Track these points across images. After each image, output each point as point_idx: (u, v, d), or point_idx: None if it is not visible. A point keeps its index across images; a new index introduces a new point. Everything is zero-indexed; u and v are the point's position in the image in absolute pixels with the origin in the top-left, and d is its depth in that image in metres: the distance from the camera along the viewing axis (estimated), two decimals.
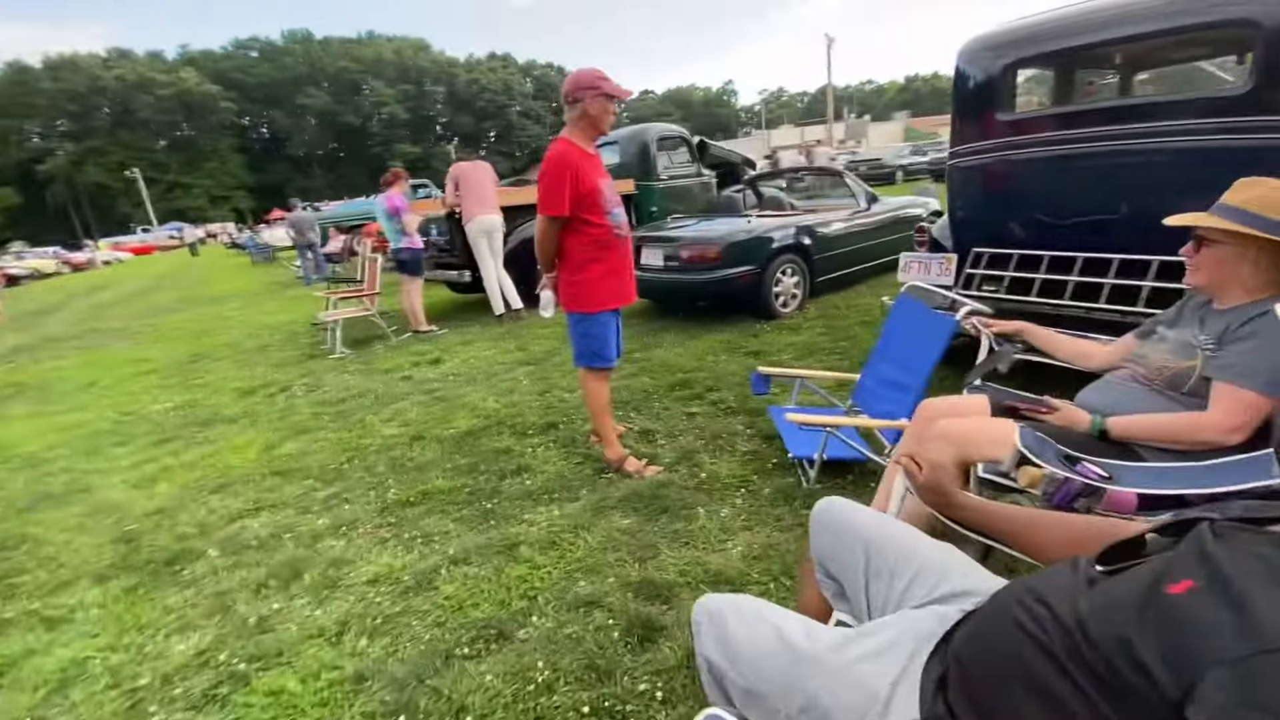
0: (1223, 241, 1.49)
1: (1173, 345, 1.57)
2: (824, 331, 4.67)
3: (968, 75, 3.03)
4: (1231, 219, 1.47)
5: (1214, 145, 2.35)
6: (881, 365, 2.79)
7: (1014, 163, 2.92)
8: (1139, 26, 2.47)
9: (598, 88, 2.49)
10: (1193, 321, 1.60)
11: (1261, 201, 1.43)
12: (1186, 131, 2.40)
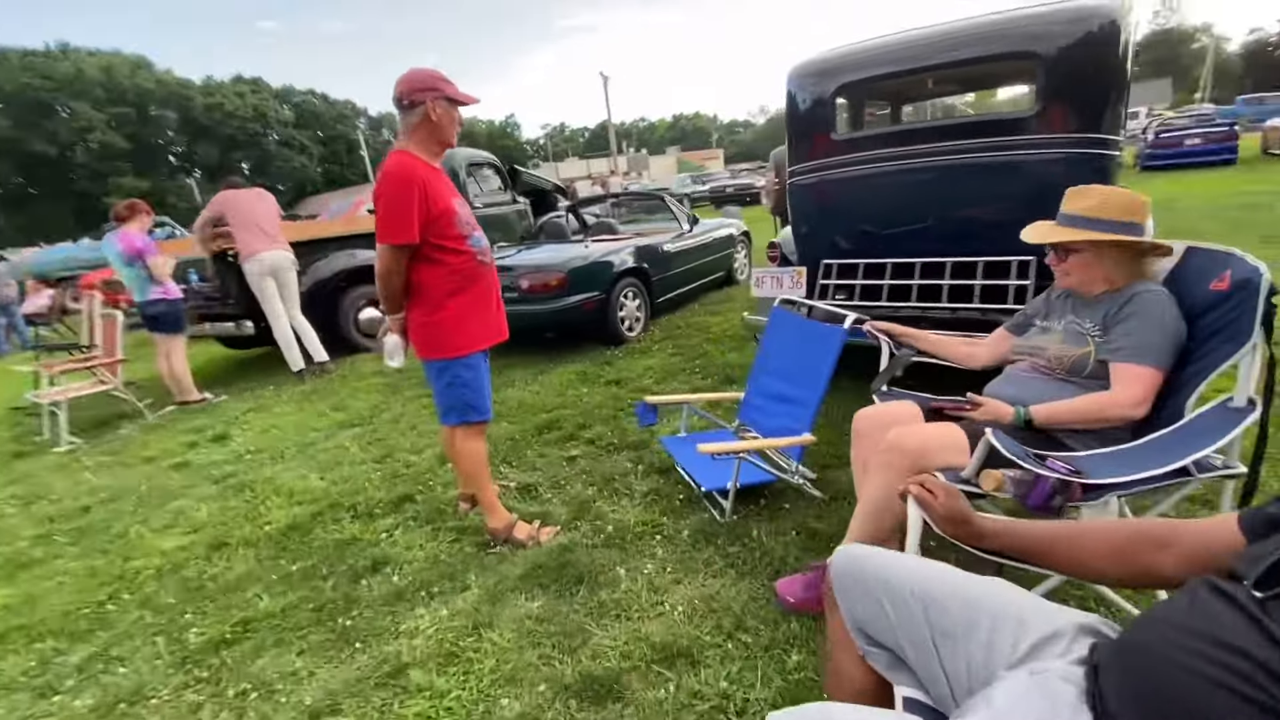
0: (1082, 248, 1.63)
1: (1065, 334, 1.68)
2: (676, 352, 4.64)
3: (798, 98, 3.19)
4: (1083, 228, 1.61)
5: (1013, 159, 2.70)
6: (767, 381, 2.74)
7: (846, 180, 3.11)
8: (947, 56, 2.78)
9: (438, 90, 2.09)
10: (1065, 311, 1.73)
11: (1101, 207, 1.59)
12: (991, 148, 2.73)
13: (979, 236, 2.84)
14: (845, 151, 3.09)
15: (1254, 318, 1.39)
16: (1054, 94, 2.54)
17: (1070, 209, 1.68)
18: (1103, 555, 1.07)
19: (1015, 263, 2.72)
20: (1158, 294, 1.55)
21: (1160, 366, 1.52)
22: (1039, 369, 1.72)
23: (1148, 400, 1.53)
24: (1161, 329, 1.51)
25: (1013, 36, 2.60)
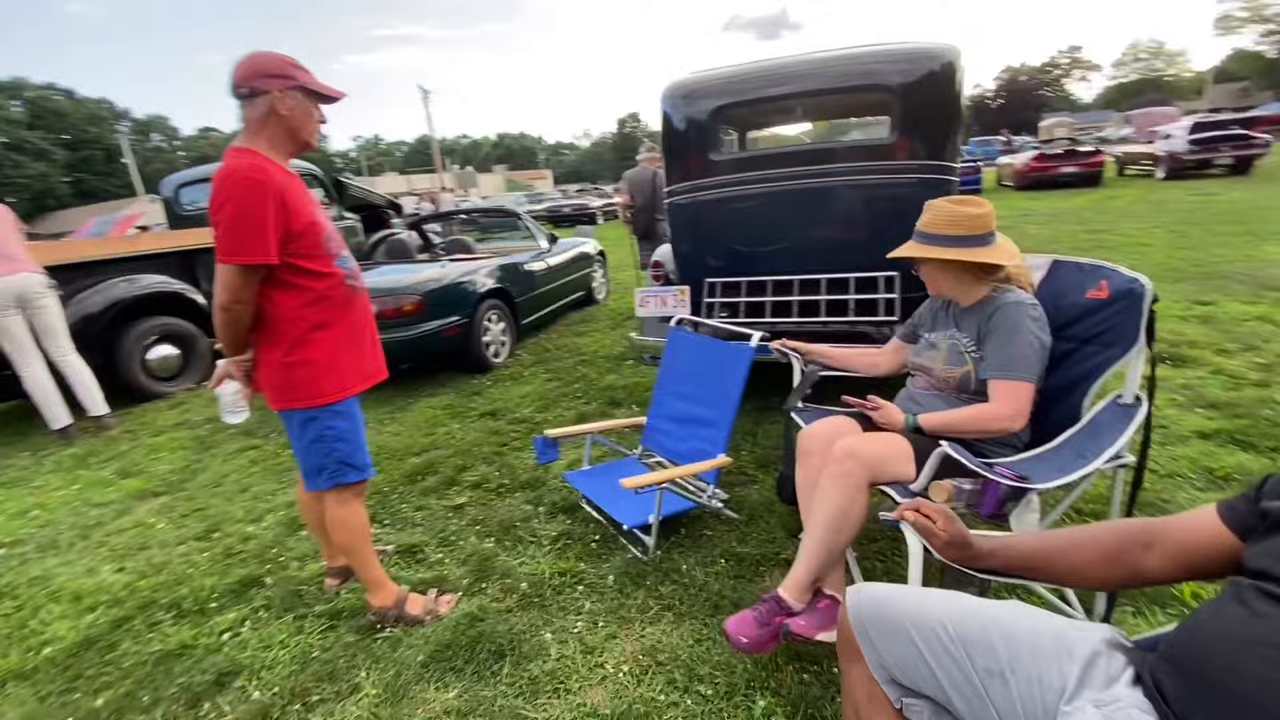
0: (925, 262, 1.75)
1: (947, 353, 1.78)
2: (551, 377, 4.39)
3: (674, 119, 3.18)
4: (926, 244, 1.74)
5: (873, 183, 2.92)
6: (672, 403, 2.65)
7: (724, 200, 3.16)
8: (816, 84, 2.93)
9: (290, 78, 1.69)
10: (947, 323, 1.85)
11: (933, 223, 1.73)
12: (855, 172, 2.93)
13: (849, 253, 3.02)
14: (722, 172, 3.14)
15: (1139, 323, 1.57)
16: (906, 125, 2.79)
17: (921, 225, 1.79)
18: (1097, 562, 1.08)
19: (882, 278, 2.93)
20: (1016, 306, 1.67)
21: (1029, 379, 1.64)
22: (934, 387, 1.82)
23: (1024, 412, 1.64)
24: (1024, 341, 1.63)
25: (872, 71, 2.82)
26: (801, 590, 1.62)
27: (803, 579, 1.61)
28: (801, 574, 1.62)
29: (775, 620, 1.61)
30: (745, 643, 1.63)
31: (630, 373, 4.29)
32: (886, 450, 1.64)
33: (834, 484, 1.63)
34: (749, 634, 1.67)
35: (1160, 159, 14.73)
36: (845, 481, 1.61)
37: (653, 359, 3.52)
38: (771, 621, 1.61)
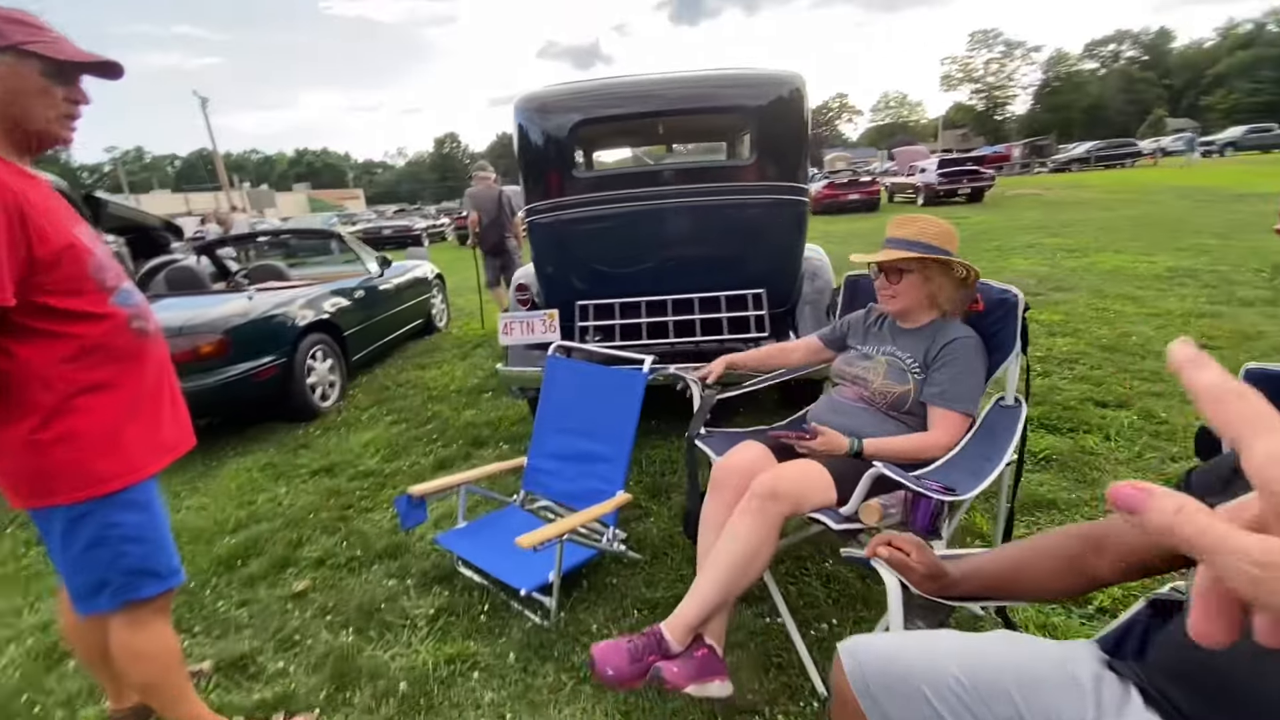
0: (912, 270, 1.77)
1: (888, 368, 1.79)
2: (397, 419, 3.86)
3: (531, 134, 2.96)
4: (915, 250, 1.77)
5: (734, 202, 2.95)
6: (557, 439, 2.40)
7: (588, 219, 3.00)
8: (677, 104, 2.90)
9: (9, 41, 1.20)
10: (885, 340, 1.87)
11: (923, 233, 1.77)
12: (716, 192, 2.94)
13: (715, 272, 3.03)
14: (585, 190, 2.98)
15: (1015, 331, 1.68)
16: (763, 147, 2.86)
17: (899, 234, 1.81)
18: (1059, 574, 1.08)
19: (750, 295, 2.97)
20: (974, 340, 1.73)
21: (971, 411, 1.70)
22: (864, 399, 1.81)
23: (958, 442, 1.68)
24: (976, 374, 1.70)
25: (731, 94, 2.86)
26: (687, 631, 1.48)
27: (692, 619, 1.48)
28: (692, 613, 1.48)
29: (649, 658, 1.45)
30: (610, 675, 1.43)
31: (491, 406, 3.93)
32: (807, 480, 1.58)
33: (750, 521, 1.52)
34: (617, 666, 1.47)
35: (919, 189, 17.58)
36: (762, 519, 1.52)
37: (523, 391, 3.23)
38: (645, 659, 1.45)
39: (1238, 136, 31.86)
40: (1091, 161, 28.93)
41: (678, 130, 3.90)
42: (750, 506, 1.54)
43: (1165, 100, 62.51)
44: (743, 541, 1.52)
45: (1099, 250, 7.89)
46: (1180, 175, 20.19)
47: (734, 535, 1.54)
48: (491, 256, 6.19)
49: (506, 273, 6.20)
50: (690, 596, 1.52)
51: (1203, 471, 1.00)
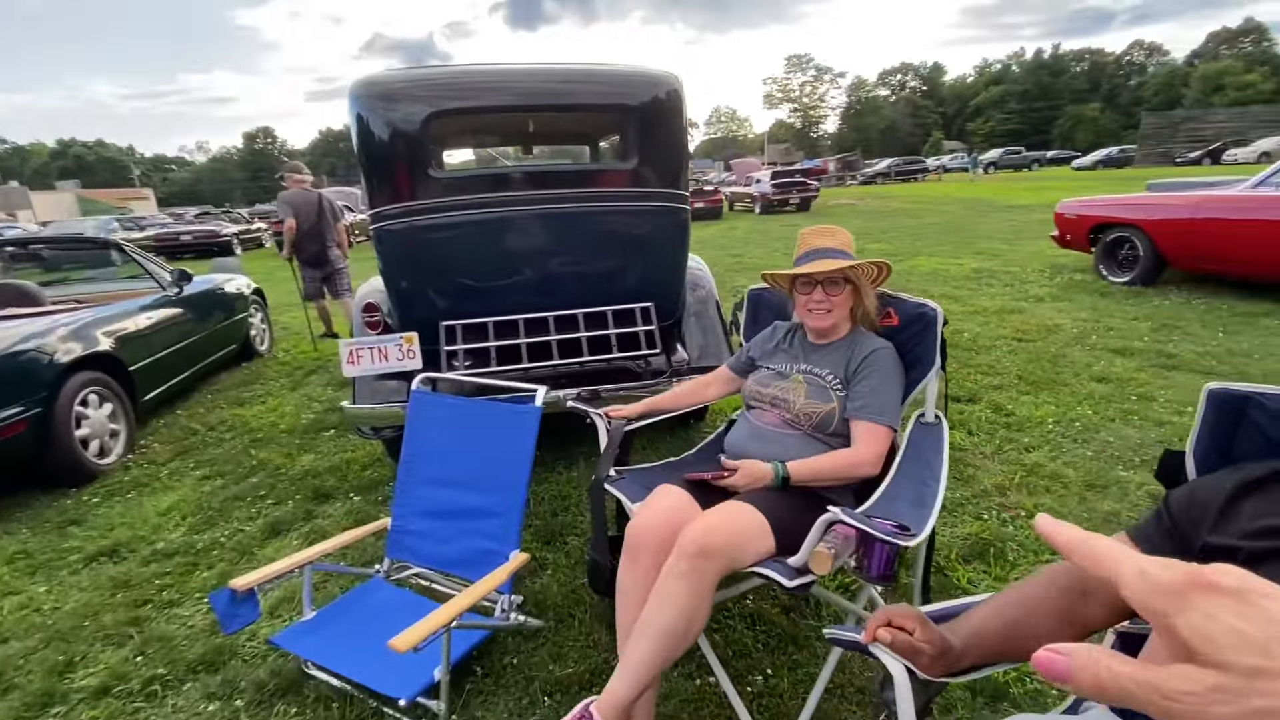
0: (850, 280, 1.66)
1: (808, 387, 1.65)
2: (211, 473, 3.11)
3: (374, 125, 2.48)
4: (849, 259, 1.65)
5: (616, 210, 2.72)
6: (428, 492, 2.00)
7: (451, 225, 2.60)
8: (549, 99, 2.59)
9: None
10: (798, 357, 1.74)
11: (846, 243, 1.67)
12: (597, 198, 2.69)
13: (598, 285, 2.78)
14: (445, 193, 2.57)
15: (935, 346, 1.62)
16: (644, 150, 2.66)
17: (828, 244, 1.67)
18: (1056, 627, 0.97)
19: (639, 309, 2.76)
20: (890, 351, 1.65)
21: (894, 424, 1.61)
22: (788, 423, 1.66)
23: (883, 457, 1.59)
24: (898, 386, 1.62)
25: (609, 90, 2.61)
26: (620, 713, 1.26)
27: (625, 698, 1.25)
28: (625, 693, 1.25)
29: None
30: None
31: (334, 447, 3.32)
32: (739, 530, 1.38)
33: (683, 585, 1.30)
34: None
35: (756, 198, 18.77)
36: (697, 581, 1.30)
37: (375, 431, 2.73)
38: None
39: (996, 157, 38.30)
40: (892, 175, 33.08)
41: (547, 128, 3.58)
42: (680, 568, 1.31)
43: (941, 124, 73.59)
44: (676, 608, 1.29)
45: (915, 255, 8.84)
46: (960, 189, 23.68)
47: (665, 601, 1.30)
48: (311, 268, 5.57)
49: (330, 285, 5.67)
50: (622, 672, 1.27)
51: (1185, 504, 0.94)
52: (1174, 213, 5.56)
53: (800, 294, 1.73)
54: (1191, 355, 3.94)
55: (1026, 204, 15.21)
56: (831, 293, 1.66)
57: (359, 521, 2.55)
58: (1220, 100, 44.66)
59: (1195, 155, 28.87)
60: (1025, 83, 67.28)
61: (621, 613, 1.44)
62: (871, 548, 1.26)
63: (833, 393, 1.62)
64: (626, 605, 1.44)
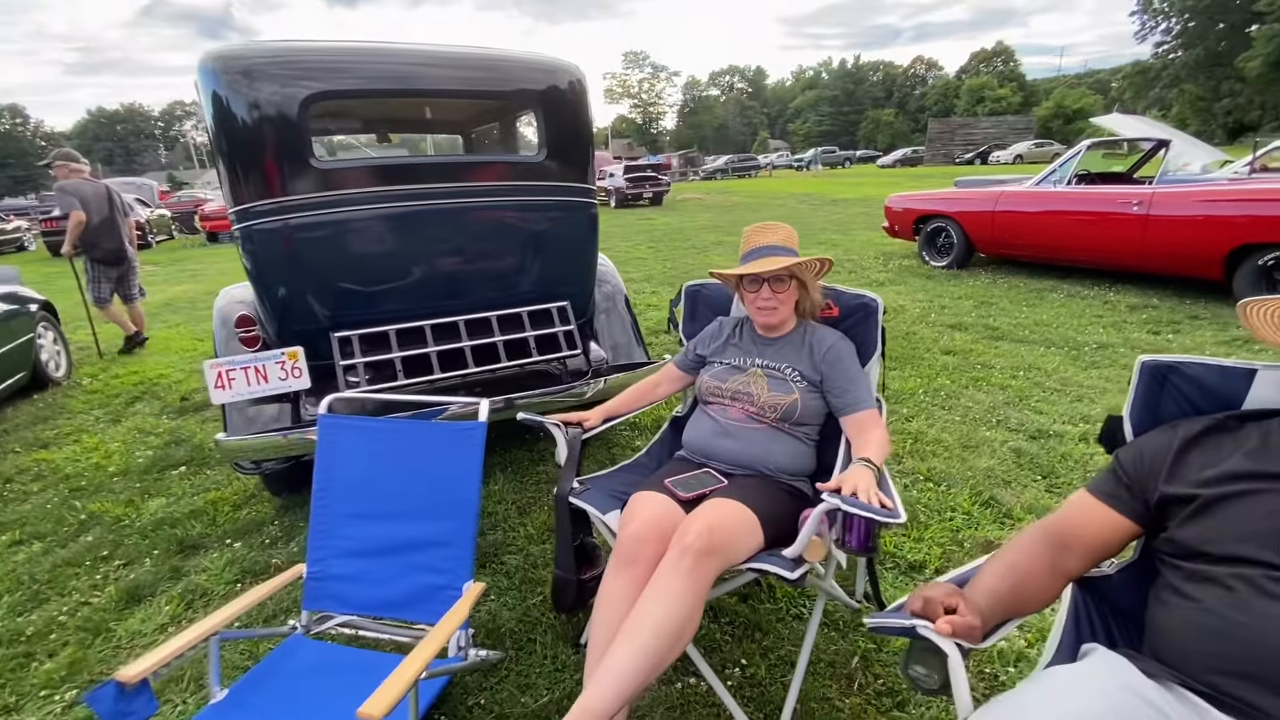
0: (793, 276, 1.70)
1: (768, 380, 1.69)
2: (24, 536, 2.45)
3: (235, 106, 2.09)
4: (793, 256, 1.69)
5: (525, 205, 2.58)
6: (355, 530, 1.76)
7: (334, 223, 2.29)
8: (446, 83, 2.36)
9: None
10: (750, 351, 1.77)
11: (789, 239, 1.72)
12: (504, 192, 2.53)
13: (512, 285, 2.63)
14: (330, 186, 2.26)
15: (877, 334, 1.73)
16: (552, 141, 2.54)
17: (772, 241, 1.69)
18: (1049, 582, 1.09)
19: (555, 309, 2.65)
20: (846, 340, 1.72)
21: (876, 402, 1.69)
22: (752, 416, 1.68)
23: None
24: (861, 372, 1.69)
25: (515, 77, 2.44)
26: None
27: (604, 710, 1.15)
28: (605, 704, 1.15)
29: None
30: None
31: (190, 486, 2.81)
32: (738, 527, 1.38)
33: (687, 582, 1.27)
34: None
35: (611, 192, 18.98)
36: (701, 578, 1.29)
37: (257, 465, 2.36)
38: None
39: (815, 156, 42.31)
40: (730, 172, 35.21)
41: (443, 116, 3.29)
42: (684, 565, 1.28)
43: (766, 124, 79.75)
44: (675, 605, 1.26)
45: None
46: (790, 184, 25.83)
47: (664, 598, 1.26)
48: (106, 266, 4.97)
49: (124, 286, 5.10)
50: (601, 682, 1.17)
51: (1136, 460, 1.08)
52: (979, 206, 6.51)
53: (747, 291, 1.76)
54: (1009, 327, 4.66)
55: (849, 198, 16.99)
56: (778, 290, 1.69)
57: (245, 572, 2.18)
58: (982, 110, 53.24)
59: (969, 156, 34.17)
60: (835, 88, 75.06)
61: (602, 622, 1.35)
62: (852, 523, 1.32)
63: (793, 384, 1.67)
64: (610, 612, 1.36)
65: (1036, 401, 3.32)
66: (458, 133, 3.67)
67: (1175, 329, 4.46)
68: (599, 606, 1.39)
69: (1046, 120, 44.44)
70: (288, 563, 2.23)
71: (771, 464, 1.63)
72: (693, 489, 1.54)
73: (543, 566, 2.13)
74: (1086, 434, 2.92)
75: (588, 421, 1.79)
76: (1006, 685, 1.57)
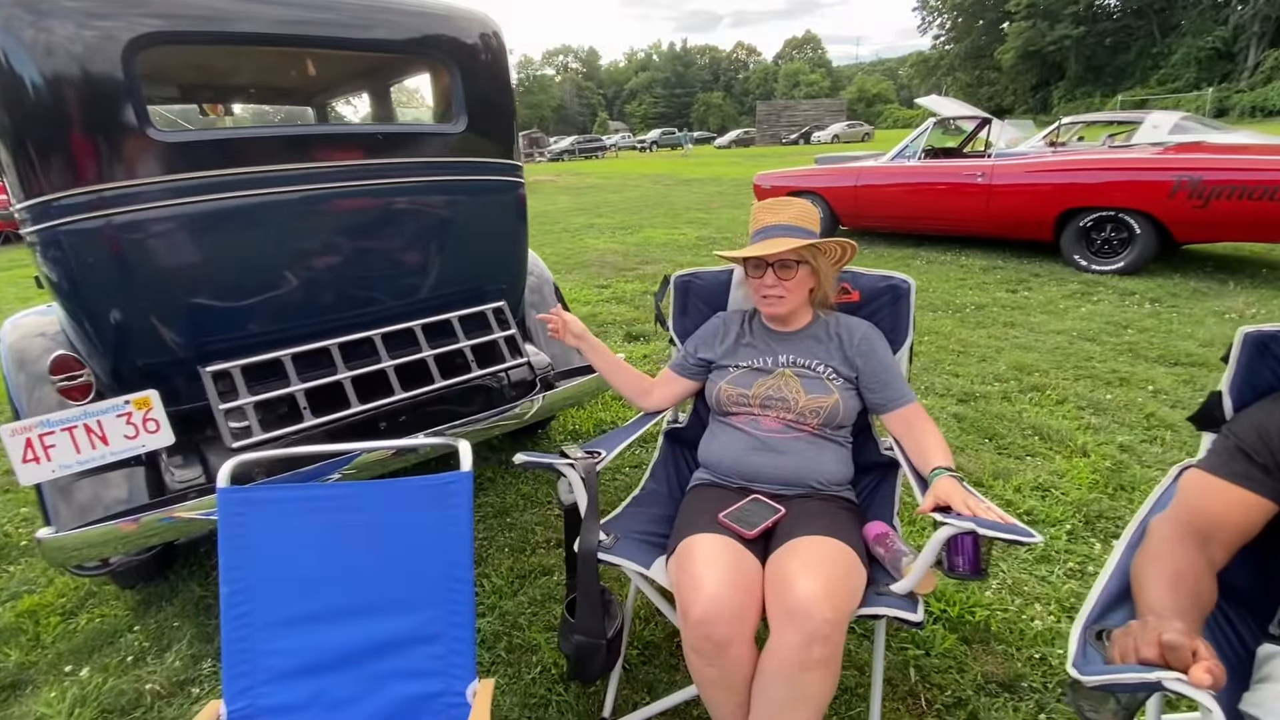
0: (806, 260, 1.46)
1: (801, 381, 1.46)
2: None
3: (24, 56, 1.42)
4: (809, 236, 1.45)
5: (447, 185, 2.10)
6: (300, 639, 1.28)
7: (192, 216, 1.67)
8: (332, 29, 1.79)
9: None
10: (768, 349, 1.53)
11: (803, 216, 1.48)
12: (416, 170, 2.02)
13: (433, 286, 2.16)
14: (176, 166, 1.64)
15: (907, 320, 1.58)
16: (473, 106, 2.08)
17: (781, 220, 1.44)
18: (1212, 585, 1.00)
19: (490, 312, 2.22)
20: (875, 328, 1.53)
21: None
22: (789, 424, 1.44)
23: None
24: (895, 359, 1.51)
25: (420, 25, 1.93)
26: None
27: None
28: None
29: None
30: None
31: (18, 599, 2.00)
32: (848, 576, 1.16)
33: (823, 673, 1.08)
34: None
35: None
36: (835, 662, 1.09)
37: (103, 564, 1.70)
38: None
39: (657, 137, 43.20)
40: (577, 153, 34.76)
41: (327, 75, 2.59)
42: (814, 655, 1.05)
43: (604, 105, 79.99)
44: (816, 706, 1.07)
45: (642, 227, 9.35)
46: (637, 165, 26.07)
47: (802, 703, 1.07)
48: None
49: None
50: None
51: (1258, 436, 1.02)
52: (843, 181, 6.87)
53: (753, 278, 1.52)
54: None
55: (699, 177, 17.46)
56: (784, 276, 1.46)
57: (107, 712, 1.56)
58: (799, 94, 57.81)
59: (794, 137, 36.88)
60: (666, 70, 77.12)
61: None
62: (960, 544, 1.15)
63: (829, 383, 1.46)
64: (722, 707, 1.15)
65: (950, 365, 3.49)
66: (321, 101, 2.98)
67: (1027, 286, 4.99)
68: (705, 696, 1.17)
69: (852, 103, 49.35)
70: (169, 684, 1.63)
71: (823, 477, 1.42)
72: (755, 523, 1.29)
73: (529, 628, 1.76)
74: (1006, 392, 3.10)
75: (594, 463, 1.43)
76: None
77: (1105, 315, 4.16)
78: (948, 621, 1.73)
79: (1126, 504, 2.20)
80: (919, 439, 1.39)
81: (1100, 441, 2.59)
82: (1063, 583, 1.85)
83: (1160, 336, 3.73)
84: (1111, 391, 3.05)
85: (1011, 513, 2.18)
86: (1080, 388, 3.11)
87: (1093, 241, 5.28)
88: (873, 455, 1.61)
